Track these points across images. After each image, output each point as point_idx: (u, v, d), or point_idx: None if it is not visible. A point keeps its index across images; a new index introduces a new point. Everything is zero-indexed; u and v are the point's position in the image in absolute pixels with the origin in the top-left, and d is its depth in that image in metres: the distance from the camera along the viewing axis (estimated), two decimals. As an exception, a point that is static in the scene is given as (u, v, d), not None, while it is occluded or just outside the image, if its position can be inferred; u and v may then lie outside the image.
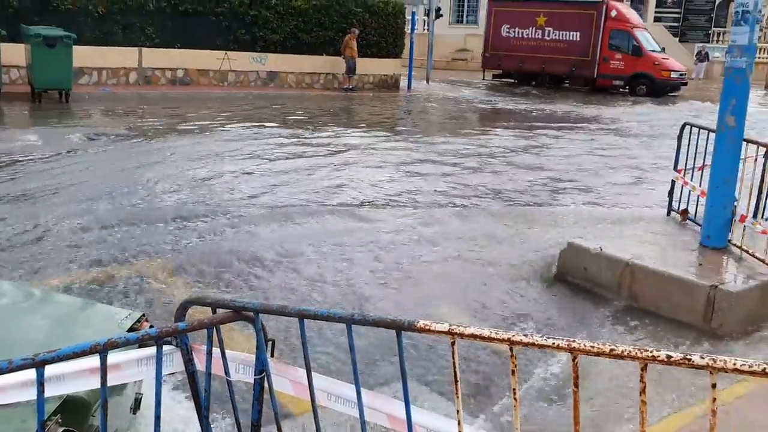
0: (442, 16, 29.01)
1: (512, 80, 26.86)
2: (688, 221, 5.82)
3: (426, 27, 27.39)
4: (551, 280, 5.13)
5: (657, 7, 37.69)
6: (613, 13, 24.20)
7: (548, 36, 25.01)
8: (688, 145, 5.85)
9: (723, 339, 4.21)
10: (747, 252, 4.88)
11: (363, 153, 10.01)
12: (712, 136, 5.23)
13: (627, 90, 23.84)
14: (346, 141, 11.04)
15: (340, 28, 19.70)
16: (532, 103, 20.09)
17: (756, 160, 5.14)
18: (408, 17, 22.75)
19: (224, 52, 18.12)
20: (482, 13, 39.26)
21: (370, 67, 20.92)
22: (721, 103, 5.05)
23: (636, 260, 4.80)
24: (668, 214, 6.10)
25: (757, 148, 5.12)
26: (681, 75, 23.81)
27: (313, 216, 6.43)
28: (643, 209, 6.88)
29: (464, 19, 40.22)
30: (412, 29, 22.78)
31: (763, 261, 4.67)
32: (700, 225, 5.42)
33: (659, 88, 23.44)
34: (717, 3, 36.24)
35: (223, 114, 13.29)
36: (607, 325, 4.42)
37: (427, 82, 23.87)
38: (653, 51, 24.14)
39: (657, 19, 37.95)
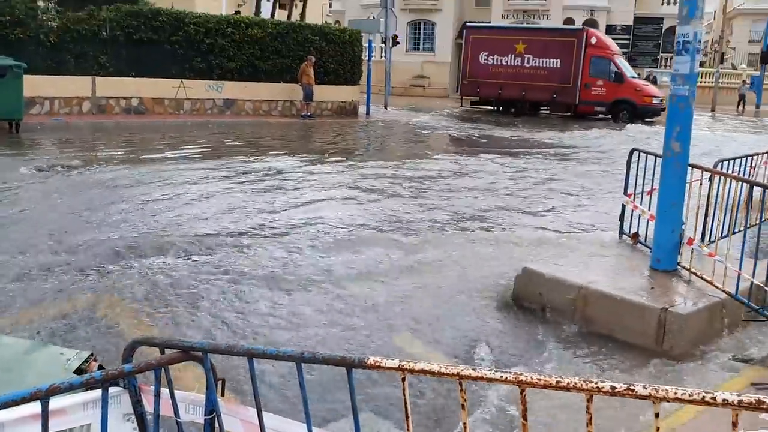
0: (399, 43, 29.44)
1: (491, 107, 27.08)
2: (639, 244, 5.95)
3: (383, 54, 27.71)
4: (507, 305, 5.17)
5: (607, 33, 38.82)
6: (593, 41, 24.81)
7: (528, 63, 25.24)
8: (637, 169, 6.01)
9: (675, 360, 4.29)
10: (696, 274, 5.00)
11: (298, 179, 9.99)
12: (660, 161, 5.38)
13: (609, 116, 24.08)
14: (278, 166, 11.06)
15: (297, 56, 19.80)
16: (492, 128, 20.44)
17: (701, 184, 5.30)
18: (365, 45, 22.99)
19: (180, 80, 18.02)
20: (438, 42, 40.05)
21: (328, 93, 21.04)
22: (666, 130, 5.21)
23: (589, 284, 4.88)
24: (620, 237, 6.23)
25: (702, 172, 5.28)
26: (660, 100, 24.16)
27: (257, 247, 6.32)
28: (596, 233, 7.01)
29: (421, 46, 40.84)
30: (370, 57, 23.02)
31: (711, 283, 4.79)
32: (650, 248, 5.54)
33: (641, 113, 23.94)
34: (664, 30, 37.57)
35: (175, 143, 13.15)
36: (561, 350, 4.46)
37: (386, 108, 24.09)
38: (633, 77, 24.84)
39: (607, 46, 39.09)
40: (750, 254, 5.18)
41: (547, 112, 25.98)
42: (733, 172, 6.31)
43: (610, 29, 38.82)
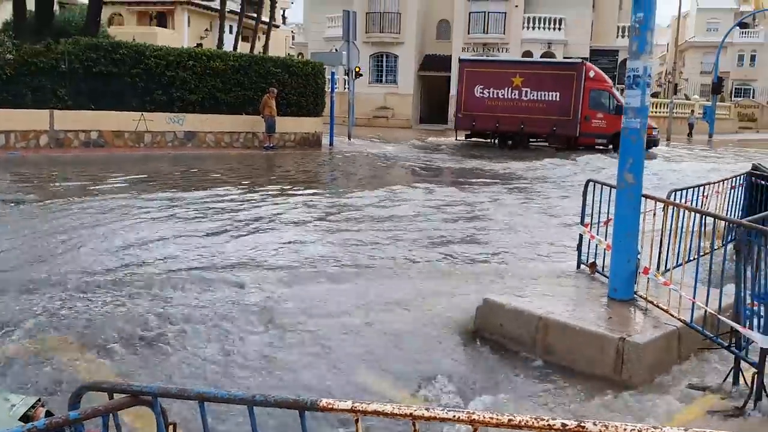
0: (362, 75, 29.71)
1: (485, 140, 26.92)
2: (597, 274, 6.03)
3: (346, 86, 27.93)
4: (469, 338, 5.17)
5: (564, 65, 39.78)
6: (591, 74, 25.33)
7: (525, 96, 25.25)
8: (592, 200, 6.12)
9: (633, 390, 4.33)
10: (652, 303, 5.08)
11: (252, 209, 9.96)
12: (615, 192, 5.49)
13: (611, 147, 23.92)
14: (232, 197, 11.03)
15: (260, 88, 19.83)
16: (463, 160, 20.67)
17: (655, 214, 5.42)
18: (328, 77, 23.15)
19: (140, 113, 17.87)
20: (401, 74, 40.57)
21: (291, 125, 21.08)
22: (619, 162, 5.33)
23: (548, 315, 4.92)
24: (578, 267, 6.31)
25: (655, 203, 5.41)
26: (657, 131, 24.97)
27: (207, 283, 6.22)
28: (556, 263, 7.09)
29: (384, 78, 41.28)
30: (332, 89, 23.18)
31: (667, 311, 4.86)
32: (608, 277, 5.61)
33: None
34: (619, 62, 38.66)
35: (129, 175, 12.97)
36: (522, 382, 4.47)
37: (349, 138, 24.20)
38: None
39: (565, 77, 40.02)
40: (705, 282, 5.30)
41: (545, 144, 26.10)
42: (686, 202, 6.47)
43: (567, 61, 39.82)
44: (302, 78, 21.26)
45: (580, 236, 6.34)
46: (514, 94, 25.27)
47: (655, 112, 39.88)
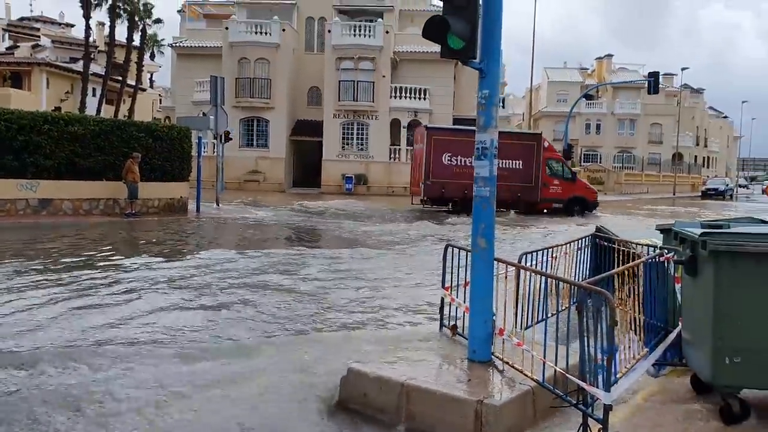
0: (231, 139, 29.47)
1: (440, 207, 27.20)
2: (458, 336, 6.18)
3: (215, 150, 27.55)
4: (333, 410, 5.09)
5: (431, 132, 41.57)
6: (546, 144, 28.09)
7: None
8: (452, 264, 6.32)
9: (493, 452, 4.41)
10: (508, 363, 5.25)
11: (96, 282, 9.50)
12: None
13: (564, 210, 27.03)
14: (79, 267, 10.49)
15: (122, 153, 19.13)
16: (340, 221, 20.71)
17: (507, 277, 5.68)
18: (195, 141, 22.75)
19: (-14, 180, 16.62)
20: (272, 138, 40.68)
21: (156, 191, 20.41)
22: (473, 228, 5.57)
23: (411, 381, 4.95)
24: (440, 330, 6.45)
25: (506, 267, 5.68)
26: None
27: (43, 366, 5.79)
28: (419, 327, 7.21)
29: (255, 142, 41.19)
30: (199, 153, 22.78)
31: (521, 371, 5.05)
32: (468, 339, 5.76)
33: (591, 207, 28.15)
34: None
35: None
36: (384, 453, 4.43)
37: (217, 204, 23.72)
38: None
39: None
40: (559, 341, 5.57)
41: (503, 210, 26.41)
42: (536, 263, 6.83)
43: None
44: (167, 142, 20.75)
45: (442, 299, 6.51)
46: None
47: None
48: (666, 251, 5.89)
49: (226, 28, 40.42)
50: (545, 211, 27.34)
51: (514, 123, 74.69)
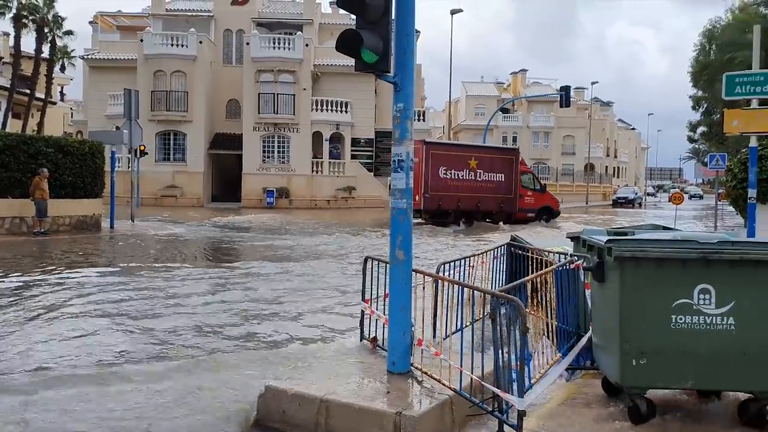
0: (147, 154, 28.67)
1: (432, 220, 27.89)
2: (378, 348, 6.19)
3: (130, 165, 26.69)
4: (250, 429, 4.98)
5: (352, 146, 41.81)
6: (519, 159, 30.30)
7: (480, 177, 28.35)
8: (371, 276, 6.34)
9: (413, 463, 4.41)
10: (427, 374, 5.29)
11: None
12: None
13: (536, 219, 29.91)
14: None
15: (29, 169, 18.22)
16: (264, 238, 20.36)
17: (424, 288, 5.73)
18: (108, 156, 21.97)
19: None
20: (190, 152, 39.78)
21: (67, 208, 19.54)
22: (390, 240, 5.59)
23: (329, 396, 4.91)
24: (360, 342, 6.44)
25: (424, 277, 5.73)
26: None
27: None
28: (339, 340, 7.17)
29: (172, 156, 40.19)
30: (113, 168, 22.00)
31: (439, 381, 5.10)
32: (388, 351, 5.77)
33: (555, 215, 31.22)
34: (401, 142, 41.37)
35: None
36: (303, 470, 4.36)
37: (132, 220, 22.96)
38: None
39: (353, 157, 42.03)
40: (476, 349, 5.65)
41: (489, 221, 28.79)
42: (454, 273, 6.94)
43: (355, 142, 41.87)
44: (79, 158, 19.92)
45: (362, 312, 6.51)
46: (471, 176, 28.27)
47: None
48: (576, 258, 6.10)
49: (141, 40, 39.41)
50: (521, 220, 29.20)
51: (435, 136, 76.04)
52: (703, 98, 48.49)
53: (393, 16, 5.38)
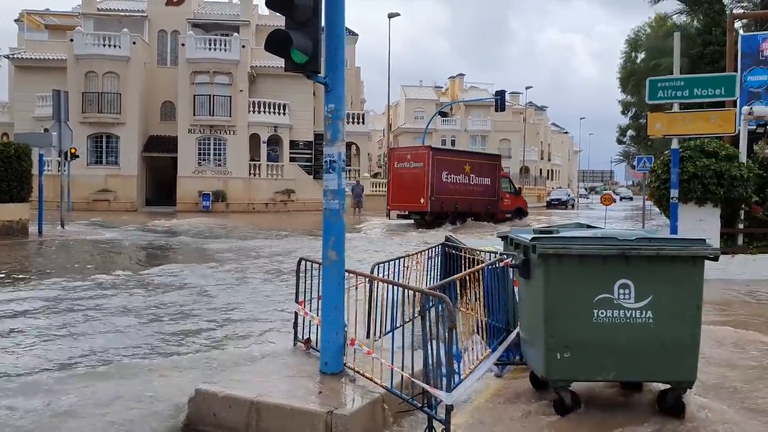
0: (78, 157, 27.80)
1: (408, 219, 30.15)
2: (311, 350, 6.18)
3: (60, 168, 25.78)
4: (180, 432, 4.91)
5: (291, 148, 41.55)
6: (500, 164, 33.26)
7: (472, 181, 30.87)
8: (305, 277, 6.33)
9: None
10: (360, 373, 5.33)
11: None
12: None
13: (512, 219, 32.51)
14: None
15: (-52, 173, 17.41)
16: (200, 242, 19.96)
17: (357, 288, 5.77)
18: (36, 158, 21.16)
19: None
20: (123, 156, 38.71)
21: (-10, 213, 18.74)
22: (323, 241, 5.60)
23: (260, 397, 4.88)
24: (294, 344, 6.42)
25: (357, 278, 5.77)
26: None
27: None
28: (273, 343, 7.13)
29: (104, 160, 39.05)
30: (41, 172, 21.20)
31: (371, 379, 5.14)
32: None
33: (525, 215, 34.50)
34: (340, 145, 41.42)
35: None
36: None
37: (62, 226, 22.19)
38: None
39: (292, 159, 41.78)
40: (409, 348, 5.72)
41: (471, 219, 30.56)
42: (388, 273, 7.01)
43: (293, 144, 41.63)
44: (3, 161, 19.11)
45: (296, 314, 6.49)
46: (466, 180, 30.59)
47: (377, 192, 43.27)
48: (505, 257, 6.26)
49: (71, 40, 38.12)
50: (501, 221, 31.37)
51: (375, 139, 76.33)
52: (631, 103, 50.23)
53: (323, 17, 5.40)
